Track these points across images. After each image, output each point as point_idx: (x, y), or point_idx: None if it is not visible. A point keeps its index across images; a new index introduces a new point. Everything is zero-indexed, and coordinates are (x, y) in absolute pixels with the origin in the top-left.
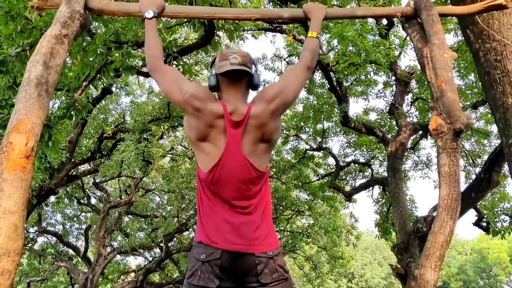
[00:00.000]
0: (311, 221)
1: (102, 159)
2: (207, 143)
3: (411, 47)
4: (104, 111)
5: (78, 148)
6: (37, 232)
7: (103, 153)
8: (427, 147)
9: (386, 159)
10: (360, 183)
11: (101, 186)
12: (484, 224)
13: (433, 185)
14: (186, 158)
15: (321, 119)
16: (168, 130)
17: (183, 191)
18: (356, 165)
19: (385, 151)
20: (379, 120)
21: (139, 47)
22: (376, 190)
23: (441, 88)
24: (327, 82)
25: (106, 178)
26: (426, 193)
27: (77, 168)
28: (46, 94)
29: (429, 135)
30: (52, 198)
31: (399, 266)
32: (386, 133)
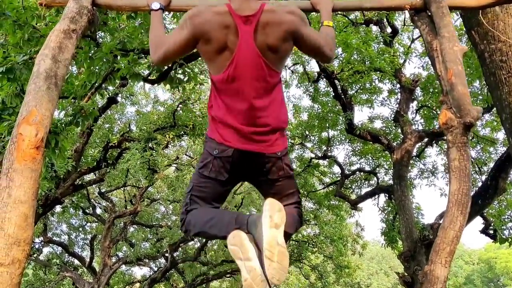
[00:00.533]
0: (317, 230)
1: (108, 168)
2: (223, 53)
3: (416, 55)
4: (109, 121)
5: (84, 157)
6: (42, 242)
7: (109, 162)
8: (433, 155)
9: (392, 167)
10: (365, 191)
11: (106, 196)
12: (491, 231)
13: (439, 193)
14: (191, 168)
15: (326, 128)
16: (173, 139)
17: None
18: (361, 173)
19: (390, 159)
20: (384, 128)
21: (145, 55)
22: (382, 198)
23: (451, 81)
24: (332, 90)
25: (111, 188)
26: (432, 201)
27: (82, 177)
28: (55, 87)
29: (434, 143)
30: (57, 208)
31: (406, 274)
32: (392, 141)
